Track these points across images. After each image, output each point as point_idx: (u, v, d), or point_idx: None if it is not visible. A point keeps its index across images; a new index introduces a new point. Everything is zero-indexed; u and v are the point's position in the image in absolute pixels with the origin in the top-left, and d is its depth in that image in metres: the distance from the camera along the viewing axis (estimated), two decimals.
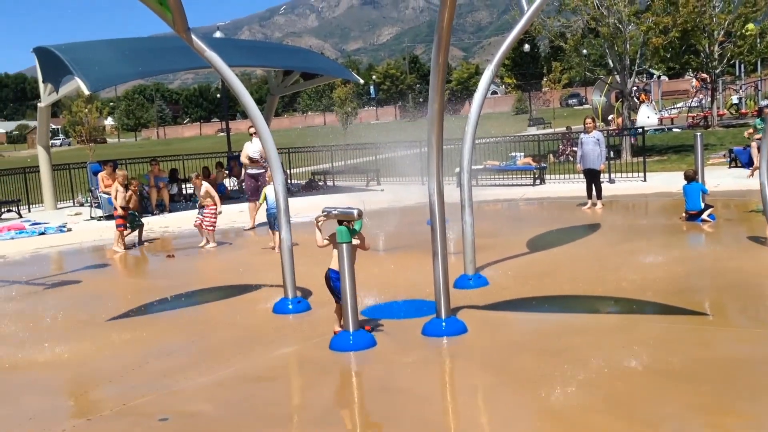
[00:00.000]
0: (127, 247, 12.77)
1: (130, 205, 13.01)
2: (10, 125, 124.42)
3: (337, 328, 6.35)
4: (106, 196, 16.91)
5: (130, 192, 13.01)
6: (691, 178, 11.72)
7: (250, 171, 14.59)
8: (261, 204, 11.85)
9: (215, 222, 12.72)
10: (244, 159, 14.61)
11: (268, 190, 11.05)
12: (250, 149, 14.48)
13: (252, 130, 14.60)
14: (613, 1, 22.12)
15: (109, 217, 16.51)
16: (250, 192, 14.64)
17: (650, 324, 6.55)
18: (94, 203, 17.79)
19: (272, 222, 11.24)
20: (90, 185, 18.69)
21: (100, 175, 17.05)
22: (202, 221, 12.67)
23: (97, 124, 49.28)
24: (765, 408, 4.58)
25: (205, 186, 12.63)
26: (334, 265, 6.17)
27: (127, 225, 12.92)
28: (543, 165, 19.26)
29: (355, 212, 6.07)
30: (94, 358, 6.60)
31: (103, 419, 5.09)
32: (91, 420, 5.11)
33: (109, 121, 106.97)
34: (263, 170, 14.11)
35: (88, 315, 8.19)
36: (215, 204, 12.55)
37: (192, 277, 10.12)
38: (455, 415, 5.01)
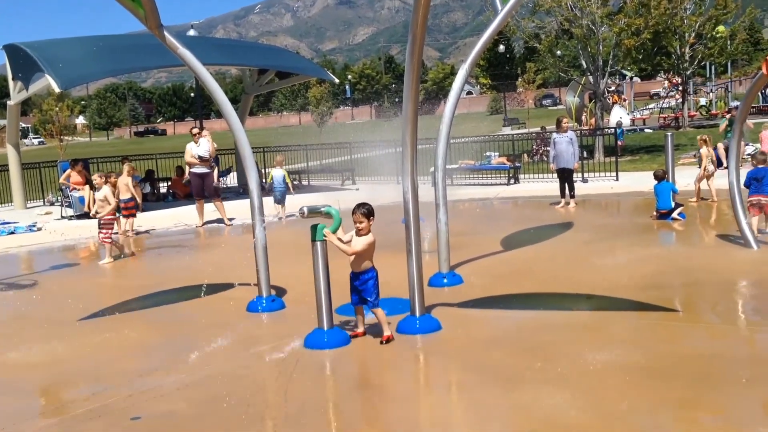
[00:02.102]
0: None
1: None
2: None
3: (359, 330, 6.33)
4: (77, 195, 16.74)
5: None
6: (660, 177, 11.88)
7: (195, 170, 14.65)
8: (269, 182, 15.11)
9: (111, 232, 11.37)
10: (190, 159, 14.64)
11: (275, 172, 15.19)
12: (195, 150, 14.65)
13: (195, 131, 14.88)
14: (586, 3, 22.34)
15: (80, 216, 16.35)
16: (196, 191, 14.76)
17: (622, 320, 6.63)
18: (65, 202, 17.56)
19: (277, 197, 14.90)
20: (60, 184, 18.46)
21: (68, 172, 16.85)
22: (102, 232, 11.19)
23: (68, 123, 48.60)
24: (734, 401, 4.66)
25: (105, 190, 11.30)
26: (354, 267, 6.15)
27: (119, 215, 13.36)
28: (517, 164, 19.41)
29: (331, 210, 6.08)
30: (66, 359, 6.51)
31: (76, 419, 5.03)
32: (63, 420, 5.05)
33: (80, 120, 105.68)
34: (210, 170, 14.53)
35: (60, 315, 8.08)
36: (113, 212, 11.36)
37: (165, 276, 10.03)
38: (430, 412, 5.02)
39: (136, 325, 7.50)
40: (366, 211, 6.09)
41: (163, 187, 21.09)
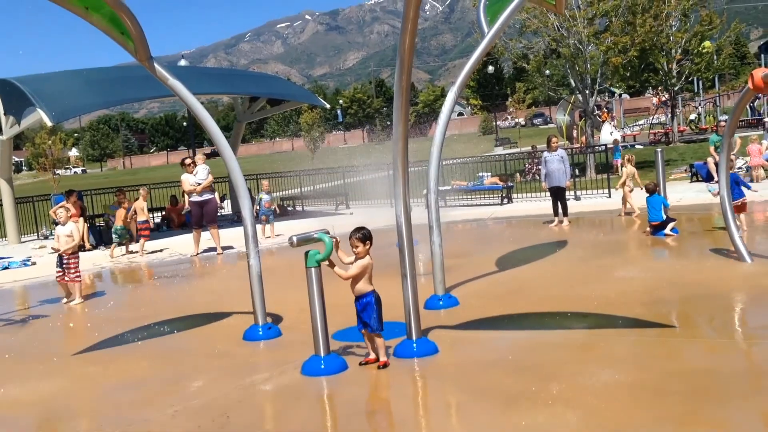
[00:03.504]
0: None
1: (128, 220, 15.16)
2: None
3: (372, 357, 6.28)
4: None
5: (132, 210, 15.23)
6: (652, 190, 11.94)
7: (194, 199, 14.65)
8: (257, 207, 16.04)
9: (78, 268, 10.83)
10: (189, 188, 14.65)
11: (264, 197, 16.58)
12: (193, 179, 14.66)
13: (188, 161, 14.88)
14: (573, 23, 22.59)
15: None
16: (196, 220, 14.76)
17: (619, 338, 6.62)
18: None
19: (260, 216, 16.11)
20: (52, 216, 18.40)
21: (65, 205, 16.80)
22: (66, 272, 10.62)
23: (61, 156, 48.63)
24: (733, 416, 4.65)
25: (71, 225, 10.77)
26: (353, 291, 6.14)
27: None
28: (510, 184, 19.48)
29: (323, 237, 6.07)
30: (61, 394, 6.45)
31: None
32: None
33: (73, 152, 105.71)
34: (211, 195, 14.54)
35: (55, 350, 8.03)
36: (76, 249, 10.79)
37: (160, 306, 9.98)
38: None
39: (131, 357, 7.45)
40: (361, 235, 6.09)
41: (157, 217, 21.08)
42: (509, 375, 5.73)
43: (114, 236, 15.61)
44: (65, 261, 10.60)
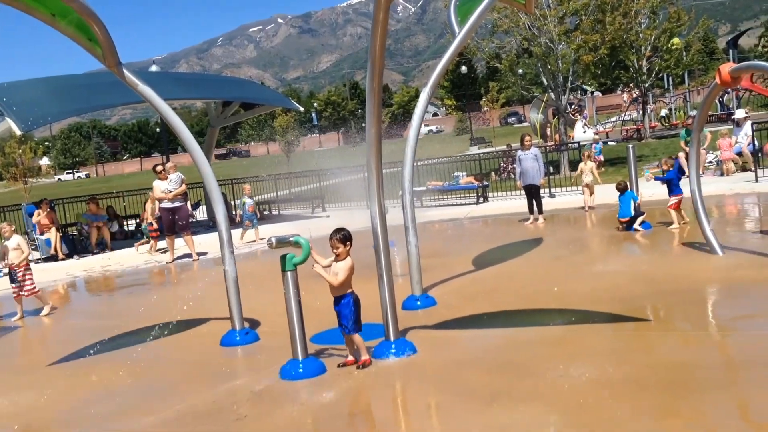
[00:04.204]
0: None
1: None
2: None
3: (351, 359, 6.27)
4: (43, 237, 16.48)
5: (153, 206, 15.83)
6: (622, 189, 12.14)
7: (165, 205, 14.55)
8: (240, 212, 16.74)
9: (33, 279, 10.57)
10: (161, 195, 14.58)
11: (247, 201, 16.61)
12: (165, 186, 14.59)
13: (159, 168, 14.80)
14: (544, 22, 22.76)
15: (47, 259, 16.09)
16: (167, 226, 14.66)
17: (596, 333, 6.68)
18: (31, 245, 17.26)
19: (245, 221, 16.42)
20: (26, 227, 18.15)
21: (37, 217, 16.61)
22: (21, 287, 10.32)
23: (32, 165, 47.94)
24: (709, 408, 4.70)
25: (17, 238, 10.47)
26: (332, 292, 6.13)
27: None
28: (485, 183, 19.56)
29: (300, 240, 6.05)
30: (36, 406, 6.36)
31: None
32: None
33: (44, 161, 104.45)
34: (182, 203, 14.45)
35: (29, 361, 7.93)
36: (27, 262, 10.47)
37: (135, 315, 9.87)
38: None
39: (107, 366, 7.36)
40: (342, 236, 6.09)
41: (131, 225, 20.88)
42: (488, 373, 5.75)
43: (142, 234, 17.16)
44: (18, 275, 10.28)
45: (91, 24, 6.77)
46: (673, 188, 11.68)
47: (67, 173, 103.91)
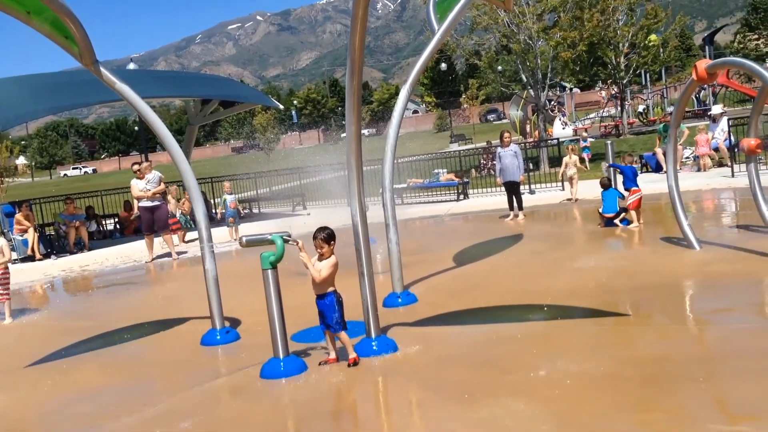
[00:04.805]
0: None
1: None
2: None
3: (332, 357, 6.25)
4: (20, 238, 16.28)
5: (183, 200, 17.36)
6: (606, 185, 12.26)
7: (144, 204, 14.44)
8: (222, 209, 16.58)
9: (9, 285, 10.17)
10: (139, 193, 14.48)
11: (227, 197, 16.42)
12: (143, 185, 14.48)
13: (135, 167, 14.70)
14: (522, 19, 22.85)
15: (24, 260, 15.89)
16: (146, 226, 14.56)
17: (576, 328, 6.73)
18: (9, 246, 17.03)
19: (227, 219, 16.42)
20: (2, 227, 17.91)
21: (16, 217, 16.40)
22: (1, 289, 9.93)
23: (8, 164, 47.32)
24: (688, 402, 4.75)
25: (2, 242, 10.24)
26: (315, 290, 6.11)
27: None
28: (465, 180, 19.61)
29: (275, 238, 6.03)
30: (14, 408, 6.29)
31: None
32: None
33: (21, 160, 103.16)
34: (161, 202, 14.35)
35: (6, 363, 7.82)
36: (6, 266, 10.11)
37: (115, 314, 9.79)
38: None
39: (86, 367, 7.30)
40: (326, 236, 6.09)
41: (109, 224, 20.69)
42: (469, 370, 5.77)
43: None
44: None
45: (67, 22, 6.69)
46: (626, 181, 11.98)
47: (73, 168, 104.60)
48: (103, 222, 20.52)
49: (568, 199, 16.16)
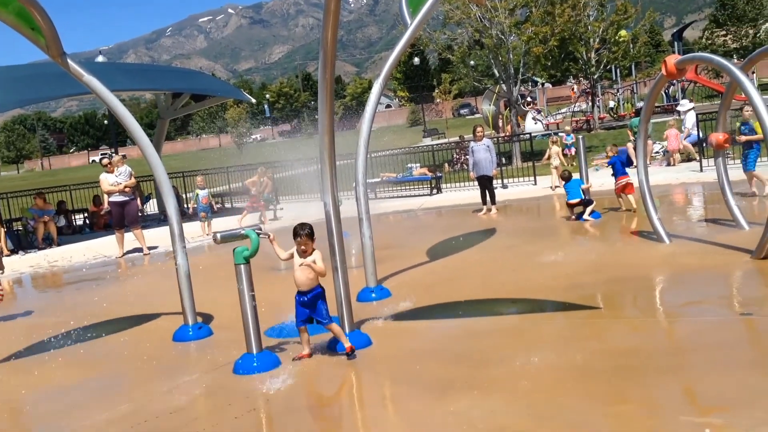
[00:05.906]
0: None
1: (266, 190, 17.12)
2: None
3: (306, 352, 6.21)
4: None
5: (264, 179, 17.10)
6: (567, 178, 12.53)
7: (115, 199, 14.25)
8: (194, 204, 16.35)
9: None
10: (109, 188, 14.27)
11: (200, 192, 16.24)
12: (113, 178, 14.30)
13: (105, 161, 14.54)
14: (495, 14, 22.94)
15: None
16: (117, 221, 14.39)
17: (548, 321, 6.78)
18: None
19: (199, 214, 16.17)
20: None
21: None
22: None
23: None
24: (659, 394, 4.80)
25: None
26: (303, 286, 6.05)
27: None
28: (439, 174, 19.66)
29: (250, 233, 5.99)
30: None
31: None
32: None
33: None
34: (132, 197, 14.20)
35: None
36: None
37: (85, 311, 9.64)
38: (365, 428, 4.99)
39: (56, 364, 7.18)
40: (310, 232, 6.05)
41: (79, 219, 20.40)
42: (442, 363, 5.78)
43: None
44: None
45: (33, 12, 6.56)
46: (618, 171, 12.43)
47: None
48: (73, 217, 20.23)
49: (550, 187, 16.65)
